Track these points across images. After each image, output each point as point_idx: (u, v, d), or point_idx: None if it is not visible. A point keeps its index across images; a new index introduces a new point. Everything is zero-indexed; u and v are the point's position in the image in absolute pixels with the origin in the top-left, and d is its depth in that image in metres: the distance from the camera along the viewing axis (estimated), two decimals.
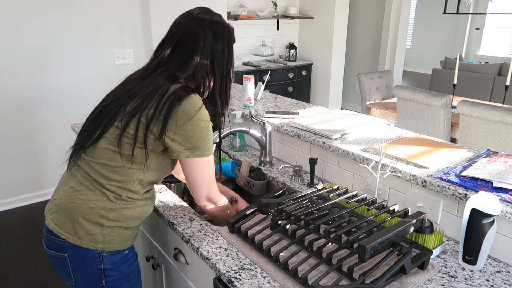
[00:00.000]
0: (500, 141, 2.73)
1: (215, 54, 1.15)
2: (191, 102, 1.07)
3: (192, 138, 1.09)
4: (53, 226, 1.11)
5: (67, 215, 1.10)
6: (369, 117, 1.75)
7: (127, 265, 1.19)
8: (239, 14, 4.55)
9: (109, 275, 1.15)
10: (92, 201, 1.09)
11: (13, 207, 3.25)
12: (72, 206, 1.10)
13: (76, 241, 1.09)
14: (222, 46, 1.16)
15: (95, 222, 1.10)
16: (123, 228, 1.15)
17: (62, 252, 1.11)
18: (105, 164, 1.10)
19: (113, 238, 1.13)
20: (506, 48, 8.46)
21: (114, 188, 1.10)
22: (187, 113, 1.06)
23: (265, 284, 0.98)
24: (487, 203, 0.98)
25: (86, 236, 1.10)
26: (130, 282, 1.22)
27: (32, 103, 3.10)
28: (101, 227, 1.10)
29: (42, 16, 3.00)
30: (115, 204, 1.11)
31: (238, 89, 2.44)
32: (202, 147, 1.11)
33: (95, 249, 1.11)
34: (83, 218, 1.09)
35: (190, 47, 1.13)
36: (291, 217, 1.10)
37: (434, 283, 0.99)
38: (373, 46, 5.77)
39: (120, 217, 1.12)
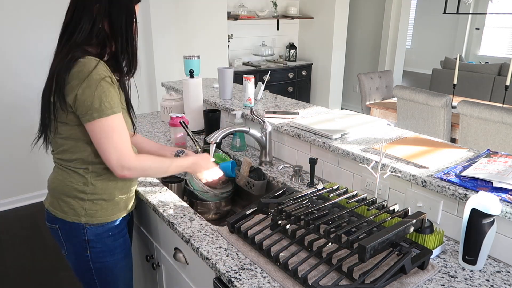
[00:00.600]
0: (500, 141, 2.72)
1: (112, 15, 1.13)
2: (80, 65, 1.06)
3: (87, 100, 1.06)
4: (47, 205, 1.27)
5: (53, 195, 1.24)
6: (369, 117, 1.75)
7: (112, 239, 1.26)
8: (239, 14, 4.55)
9: (93, 246, 1.24)
10: (67, 179, 1.20)
11: (13, 207, 3.25)
12: (53, 187, 1.23)
13: (63, 216, 1.22)
14: (119, 7, 1.14)
15: (75, 197, 1.20)
16: (104, 201, 1.22)
17: (54, 224, 1.25)
18: (61, 150, 1.19)
19: (95, 212, 1.22)
20: (506, 48, 8.46)
21: (79, 165, 1.19)
22: (76, 77, 1.05)
23: (265, 284, 0.98)
24: (487, 203, 0.98)
25: (70, 211, 1.21)
26: (115, 257, 1.28)
27: (32, 103, 3.10)
28: (82, 201, 1.20)
29: (43, 16, 3.00)
30: (86, 178, 1.19)
31: (238, 89, 2.44)
32: (98, 108, 1.07)
33: (79, 222, 1.21)
34: (64, 195, 1.21)
35: (86, 11, 1.11)
36: (291, 217, 1.10)
37: (434, 283, 0.99)
38: (373, 46, 5.77)
39: (96, 189, 1.21)
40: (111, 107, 1.09)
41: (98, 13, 1.12)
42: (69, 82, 1.06)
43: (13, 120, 3.08)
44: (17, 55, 2.99)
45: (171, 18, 3.47)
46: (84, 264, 1.26)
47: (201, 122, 2.12)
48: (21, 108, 3.08)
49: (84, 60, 1.07)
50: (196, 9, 3.64)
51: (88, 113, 1.07)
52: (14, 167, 3.17)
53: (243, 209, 1.23)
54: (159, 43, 3.43)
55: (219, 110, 1.97)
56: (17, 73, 3.02)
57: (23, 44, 3.00)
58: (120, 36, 1.16)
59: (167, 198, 1.44)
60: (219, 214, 1.64)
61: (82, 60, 1.07)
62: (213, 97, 2.24)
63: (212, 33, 3.83)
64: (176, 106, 2.28)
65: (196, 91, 2.06)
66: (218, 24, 3.86)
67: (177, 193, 1.65)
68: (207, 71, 3.68)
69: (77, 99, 1.06)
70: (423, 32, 9.50)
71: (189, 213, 1.33)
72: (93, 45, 1.14)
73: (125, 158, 1.12)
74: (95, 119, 1.07)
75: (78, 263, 1.27)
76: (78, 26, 1.11)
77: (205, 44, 3.80)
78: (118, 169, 1.13)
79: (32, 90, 3.08)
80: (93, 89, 1.05)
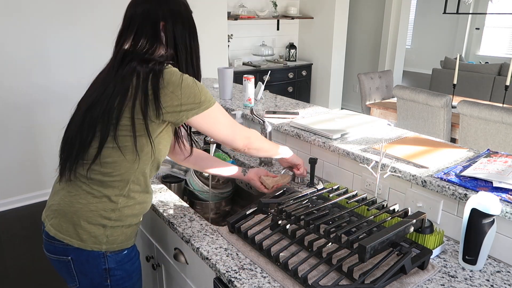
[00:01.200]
0: (500, 141, 2.73)
1: (176, 32, 1.13)
2: (171, 72, 1.06)
3: (190, 98, 1.07)
4: (54, 232, 1.11)
5: (68, 220, 1.10)
6: (369, 117, 1.75)
7: (130, 263, 1.20)
8: (239, 14, 4.55)
9: (114, 274, 1.15)
10: (93, 204, 1.09)
11: (13, 207, 3.25)
12: (72, 211, 1.09)
13: (80, 245, 1.09)
14: (182, 23, 1.14)
15: (97, 224, 1.09)
16: (125, 227, 1.15)
17: (65, 255, 1.11)
18: (103, 162, 1.08)
19: (116, 238, 1.13)
20: (506, 48, 8.45)
21: (117, 184, 1.09)
22: (172, 81, 1.05)
23: (265, 284, 0.98)
24: (487, 203, 0.98)
25: (90, 239, 1.09)
26: (133, 280, 1.23)
27: (32, 103, 3.10)
28: (104, 228, 1.10)
29: (45, 16, 3.01)
30: (116, 204, 1.10)
31: (238, 89, 2.44)
32: (204, 100, 1.11)
33: (100, 250, 1.11)
34: (85, 221, 1.09)
35: (151, 31, 1.11)
36: (291, 217, 1.10)
37: (434, 283, 0.99)
38: (373, 46, 5.77)
39: (121, 216, 1.12)
40: (210, 97, 1.14)
41: (164, 30, 1.12)
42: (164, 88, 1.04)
43: (14, 119, 3.08)
44: (19, 53, 2.99)
45: None
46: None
47: None
48: (21, 107, 3.08)
49: (172, 68, 1.08)
50: (196, 9, 3.62)
51: (195, 108, 1.09)
52: (14, 167, 3.17)
53: (243, 209, 1.23)
54: None
55: None
56: (18, 72, 3.02)
57: (25, 42, 3.00)
58: (184, 50, 1.16)
59: (167, 198, 1.44)
60: (219, 214, 1.64)
61: (171, 67, 1.08)
62: (213, 97, 2.24)
63: (212, 33, 3.84)
64: None
65: None
66: (218, 24, 3.86)
67: (177, 193, 1.65)
68: (207, 71, 3.68)
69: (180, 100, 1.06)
70: (423, 32, 9.50)
71: (189, 213, 1.33)
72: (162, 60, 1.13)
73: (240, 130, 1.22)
74: (203, 111, 1.11)
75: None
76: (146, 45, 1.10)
77: (205, 44, 3.80)
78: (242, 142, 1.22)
79: (32, 89, 3.08)
80: (191, 86, 1.08)
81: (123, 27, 1.14)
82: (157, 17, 1.11)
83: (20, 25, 2.95)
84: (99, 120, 1.06)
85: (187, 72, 1.16)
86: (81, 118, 1.10)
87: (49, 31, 3.04)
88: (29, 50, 3.02)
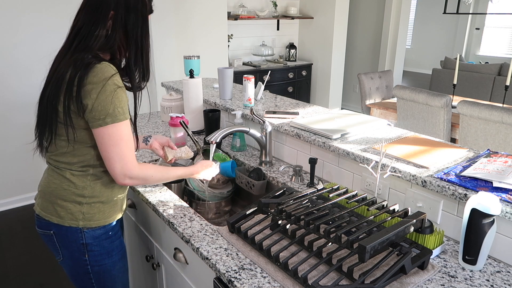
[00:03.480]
0: (500, 141, 2.73)
1: (128, 25, 1.13)
2: (97, 70, 1.05)
3: (101, 105, 1.05)
4: (39, 211, 1.22)
5: (47, 199, 1.20)
6: (369, 117, 1.75)
7: (109, 241, 1.26)
8: (239, 14, 4.56)
9: (91, 249, 1.22)
10: (64, 183, 1.17)
11: (13, 207, 3.25)
12: (49, 191, 1.19)
13: (58, 221, 1.18)
14: (135, 17, 1.14)
15: (72, 201, 1.17)
16: (101, 203, 1.21)
17: (48, 229, 1.21)
18: (61, 153, 1.16)
19: (93, 215, 1.20)
20: (506, 48, 8.46)
21: (80, 168, 1.16)
22: (93, 81, 1.04)
23: (265, 284, 0.98)
24: (487, 203, 0.98)
25: (67, 215, 1.18)
26: (113, 258, 1.28)
27: (32, 103, 3.10)
28: (80, 205, 1.18)
29: (42, 15, 3.00)
30: (85, 181, 1.17)
31: (238, 89, 2.44)
32: (112, 113, 1.07)
33: (77, 226, 1.19)
34: (61, 199, 1.18)
35: (101, 17, 1.10)
36: (291, 217, 1.10)
37: (434, 283, 0.99)
38: (373, 46, 5.77)
39: (95, 192, 1.19)
40: (123, 112, 1.09)
41: (114, 20, 1.11)
42: (85, 86, 1.04)
43: (13, 119, 3.08)
44: (16, 53, 2.99)
45: (171, 18, 3.47)
46: (82, 268, 1.24)
47: (201, 122, 2.12)
48: (21, 107, 3.08)
49: (101, 66, 1.06)
50: (196, 9, 3.64)
51: (101, 118, 1.06)
52: (14, 167, 3.17)
53: (243, 209, 1.23)
54: (159, 43, 3.43)
55: (219, 110, 1.97)
56: (17, 72, 3.02)
57: (22, 41, 3.00)
58: (135, 46, 1.16)
59: (167, 198, 1.44)
60: (219, 214, 1.64)
61: (99, 65, 1.06)
62: (213, 97, 2.24)
63: (212, 33, 3.84)
64: (176, 106, 2.28)
65: (196, 91, 2.06)
66: (218, 24, 3.86)
67: (177, 193, 1.65)
68: (207, 71, 3.69)
69: (92, 103, 1.05)
70: (423, 32, 9.51)
71: (189, 213, 1.33)
72: (106, 52, 1.14)
73: (128, 167, 1.12)
74: (108, 124, 1.07)
75: (75, 268, 1.25)
76: (92, 32, 1.09)
77: (205, 44, 3.80)
78: (121, 177, 1.13)
79: (32, 89, 3.08)
80: (108, 95, 1.05)
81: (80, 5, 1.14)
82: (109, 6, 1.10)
83: (18, 25, 2.95)
84: (48, 104, 1.11)
85: (135, 66, 1.17)
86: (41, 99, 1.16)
87: (47, 30, 3.04)
88: (27, 48, 3.02)
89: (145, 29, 1.18)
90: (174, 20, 3.50)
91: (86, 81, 1.04)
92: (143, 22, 1.17)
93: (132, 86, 1.19)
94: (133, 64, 1.17)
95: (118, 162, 1.11)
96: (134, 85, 1.19)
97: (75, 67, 1.06)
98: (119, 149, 1.10)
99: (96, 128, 1.08)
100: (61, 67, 1.09)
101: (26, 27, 2.98)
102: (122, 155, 1.10)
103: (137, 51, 1.17)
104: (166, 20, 3.44)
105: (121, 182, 1.14)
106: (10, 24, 2.92)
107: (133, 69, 1.18)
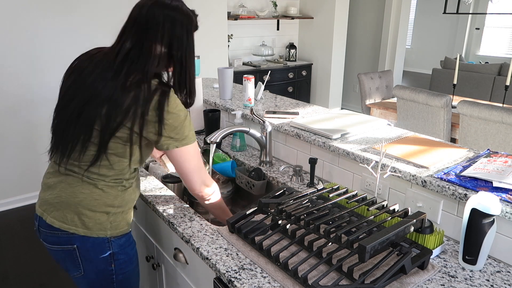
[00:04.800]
0: (500, 141, 2.73)
1: (174, 41, 1.11)
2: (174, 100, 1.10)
3: (177, 129, 1.12)
4: (59, 224, 1.14)
5: (72, 210, 1.13)
6: (369, 117, 1.75)
7: (131, 247, 1.27)
8: (239, 14, 4.55)
9: (118, 258, 1.21)
10: (96, 193, 1.14)
11: (13, 207, 3.25)
12: (76, 201, 1.13)
13: (86, 233, 1.14)
14: (181, 33, 1.11)
15: (102, 211, 1.15)
16: (125, 212, 1.22)
17: (70, 244, 1.15)
18: (97, 165, 1.12)
19: (118, 223, 1.19)
20: (506, 48, 8.45)
21: (113, 181, 1.16)
22: (172, 112, 1.09)
23: (265, 284, 0.98)
24: (487, 203, 0.98)
25: (96, 226, 1.15)
26: (133, 264, 1.29)
27: (32, 103, 3.10)
28: (108, 215, 1.16)
29: (39, 15, 3.01)
30: (116, 191, 1.17)
31: (238, 89, 2.44)
32: (187, 135, 1.15)
33: (105, 236, 1.17)
34: (90, 210, 1.14)
35: (151, 37, 1.08)
36: (291, 217, 1.10)
37: (434, 283, 0.99)
38: (373, 46, 5.77)
39: (123, 201, 1.19)
40: (193, 134, 1.18)
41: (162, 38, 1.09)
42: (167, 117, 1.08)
43: (13, 119, 3.08)
44: (14, 54, 2.99)
45: None
46: (106, 280, 1.21)
47: (201, 122, 2.12)
48: (21, 107, 3.08)
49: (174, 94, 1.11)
50: (196, 9, 3.63)
51: (179, 140, 1.13)
52: (14, 167, 3.17)
53: (243, 209, 1.23)
54: None
55: (219, 110, 1.97)
56: (17, 71, 3.02)
57: (20, 43, 3.00)
58: (179, 65, 1.14)
59: (167, 198, 1.44)
60: None
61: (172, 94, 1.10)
62: (213, 97, 2.24)
63: (212, 33, 3.84)
64: None
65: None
66: (218, 24, 3.86)
67: (177, 193, 1.65)
68: (207, 71, 3.69)
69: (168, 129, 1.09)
70: (423, 32, 9.50)
71: (189, 213, 1.33)
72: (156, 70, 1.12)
73: (207, 176, 1.25)
74: (185, 145, 1.15)
75: (99, 280, 1.21)
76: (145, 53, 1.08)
77: (205, 44, 3.80)
78: (200, 186, 1.23)
79: (32, 89, 3.08)
80: (182, 119, 1.12)
81: (126, 24, 1.12)
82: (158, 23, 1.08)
83: (16, 25, 2.95)
84: (96, 121, 1.07)
85: (180, 88, 1.16)
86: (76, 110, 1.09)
87: (46, 31, 3.04)
88: (28, 50, 3.02)
89: (190, 46, 1.15)
90: None
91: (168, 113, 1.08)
92: (188, 39, 1.13)
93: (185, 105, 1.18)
94: (177, 84, 1.16)
95: (197, 173, 1.21)
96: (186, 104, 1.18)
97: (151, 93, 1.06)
98: (197, 163, 1.21)
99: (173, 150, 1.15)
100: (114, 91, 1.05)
101: (33, 25, 2.98)
102: (200, 167, 1.22)
103: (181, 70, 1.14)
104: None
105: (198, 191, 1.24)
106: (18, 22, 2.92)
107: (182, 88, 1.17)
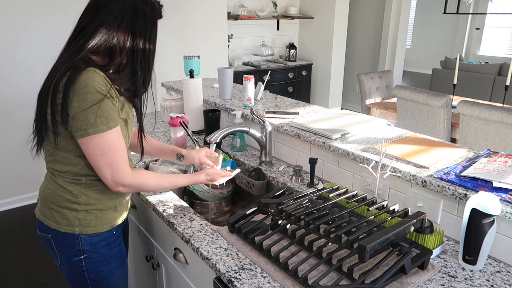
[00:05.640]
0: (500, 141, 2.72)
1: (136, 28, 1.09)
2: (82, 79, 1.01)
3: (82, 115, 1.01)
4: (38, 215, 1.22)
5: (44, 204, 1.19)
6: (369, 116, 1.75)
7: (107, 248, 1.22)
8: (239, 14, 4.55)
9: (88, 256, 1.20)
10: (59, 189, 1.15)
11: (13, 207, 3.25)
12: (46, 196, 1.19)
13: (55, 226, 1.17)
14: (144, 21, 1.10)
15: (67, 207, 1.15)
16: (98, 211, 1.18)
17: (47, 233, 1.20)
18: (53, 159, 1.14)
19: (89, 221, 1.17)
20: (506, 48, 8.45)
21: (72, 177, 1.14)
22: (75, 91, 1.00)
23: (265, 284, 0.98)
24: (487, 203, 0.98)
25: (63, 221, 1.16)
26: (111, 266, 1.25)
27: (32, 103, 3.10)
28: (76, 212, 1.16)
29: (32, 17, 3.00)
30: (79, 189, 1.15)
31: (238, 89, 2.44)
32: (93, 123, 1.02)
33: (73, 232, 1.17)
34: (56, 205, 1.16)
35: (107, 18, 1.06)
36: (291, 217, 1.10)
37: (434, 283, 0.99)
38: (373, 46, 5.77)
39: (90, 199, 1.16)
40: (106, 122, 1.04)
41: (120, 22, 1.07)
42: (69, 95, 1.00)
43: (13, 119, 3.08)
44: (17, 52, 2.99)
45: (171, 18, 3.47)
46: (79, 275, 1.21)
47: (201, 122, 2.12)
48: (21, 107, 3.08)
49: (87, 73, 1.02)
50: (197, 9, 3.64)
51: (83, 128, 1.02)
52: (14, 167, 3.17)
53: (243, 209, 1.23)
54: (159, 43, 3.42)
55: (219, 110, 1.97)
56: (18, 71, 3.01)
57: (24, 41, 3.00)
58: (140, 51, 1.12)
59: (167, 198, 1.44)
60: (219, 214, 1.64)
61: (84, 72, 1.01)
62: (213, 97, 2.24)
63: (212, 33, 3.83)
64: (176, 106, 2.28)
65: (196, 91, 2.06)
66: (218, 24, 3.86)
67: (177, 193, 1.65)
68: (207, 71, 3.68)
69: (73, 113, 1.01)
70: (423, 32, 9.50)
71: (189, 213, 1.33)
72: (101, 54, 1.09)
73: (120, 175, 1.09)
74: (90, 135, 1.03)
75: (72, 273, 1.22)
76: (95, 33, 1.05)
77: (205, 44, 3.80)
78: (113, 185, 1.11)
79: (32, 89, 3.08)
80: (88, 103, 1.01)
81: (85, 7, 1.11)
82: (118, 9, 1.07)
83: (15, 25, 2.95)
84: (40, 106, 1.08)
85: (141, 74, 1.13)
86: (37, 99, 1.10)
87: (46, 31, 3.04)
88: (28, 51, 3.02)
89: (153, 34, 1.14)
90: (174, 20, 3.50)
91: (71, 88, 1.00)
92: (151, 27, 1.13)
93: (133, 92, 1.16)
94: (137, 68, 1.12)
95: (108, 171, 1.08)
96: (139, 91, 1.15)
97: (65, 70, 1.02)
98: (107, 157, 1.07)
99: (79, 138, 1.05)
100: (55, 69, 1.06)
101: (29, 27, 2.98)
102: (111, 163, 1.08)
103: (141, 56, 1.12)
104: (166, 20, 3.43)
105: (115, 190, 1.13)
106: (13, 23, 2.92)
107: (138, 75, 1.13)
